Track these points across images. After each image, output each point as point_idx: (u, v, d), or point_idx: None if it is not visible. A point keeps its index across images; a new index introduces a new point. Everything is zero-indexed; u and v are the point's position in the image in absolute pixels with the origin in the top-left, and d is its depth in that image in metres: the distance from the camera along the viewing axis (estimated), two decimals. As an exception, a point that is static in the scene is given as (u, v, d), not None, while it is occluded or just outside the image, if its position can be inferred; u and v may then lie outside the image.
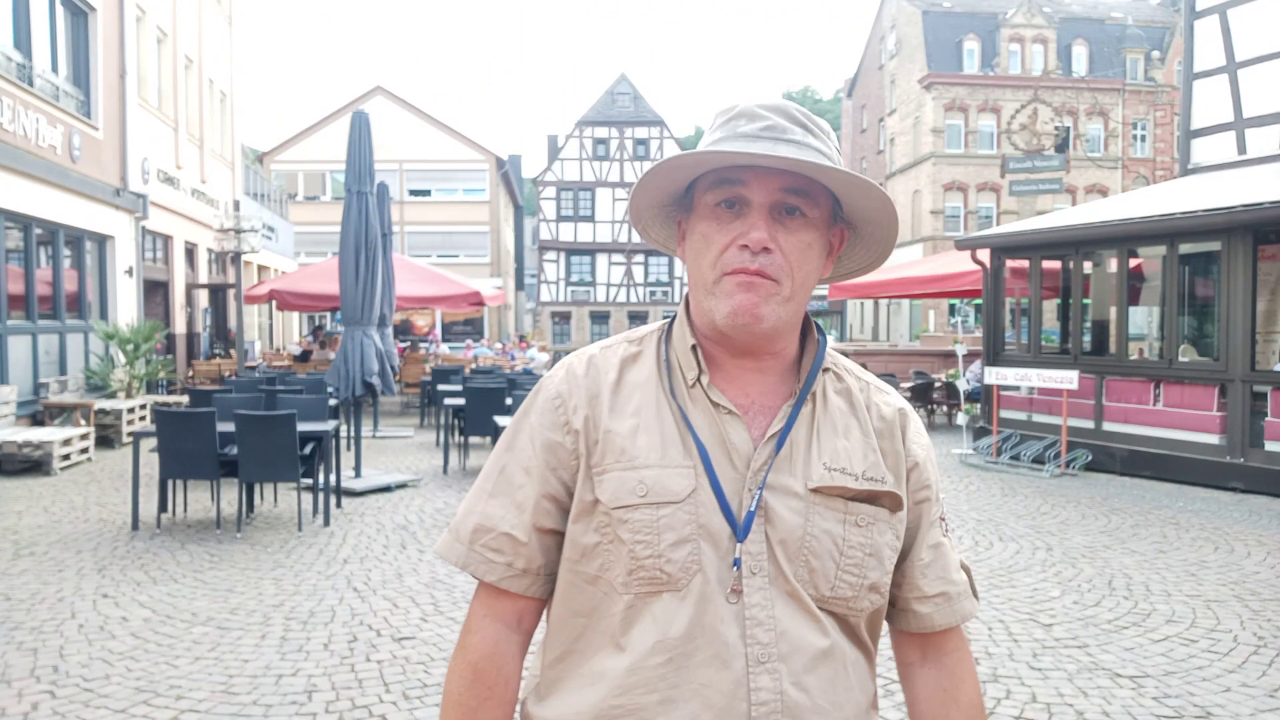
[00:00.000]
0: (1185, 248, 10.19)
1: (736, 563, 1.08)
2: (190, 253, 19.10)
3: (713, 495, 1.09)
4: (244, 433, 6.75)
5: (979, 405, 12.76)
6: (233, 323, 20.46)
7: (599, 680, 1.10)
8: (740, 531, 1.09)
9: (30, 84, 11.89)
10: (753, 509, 1.09)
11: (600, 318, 44.92)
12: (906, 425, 1.22)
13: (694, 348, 1.16)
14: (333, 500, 7.65)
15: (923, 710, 1.23)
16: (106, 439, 11.49)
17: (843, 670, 1.12)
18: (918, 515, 1.21)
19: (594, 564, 1.12)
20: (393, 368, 9.35)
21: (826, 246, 1.17)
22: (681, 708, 1.05)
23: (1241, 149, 11.49)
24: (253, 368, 17.01)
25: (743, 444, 1.12)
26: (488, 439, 10.78)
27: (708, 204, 1.13)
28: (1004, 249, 12.11)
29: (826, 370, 1.21)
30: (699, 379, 1.15)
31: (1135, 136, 40.00)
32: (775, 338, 1.16)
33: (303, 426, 7.04)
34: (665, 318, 1.32)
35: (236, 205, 21.42)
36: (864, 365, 18.12)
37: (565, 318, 45.13)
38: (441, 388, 12.86)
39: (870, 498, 1.14)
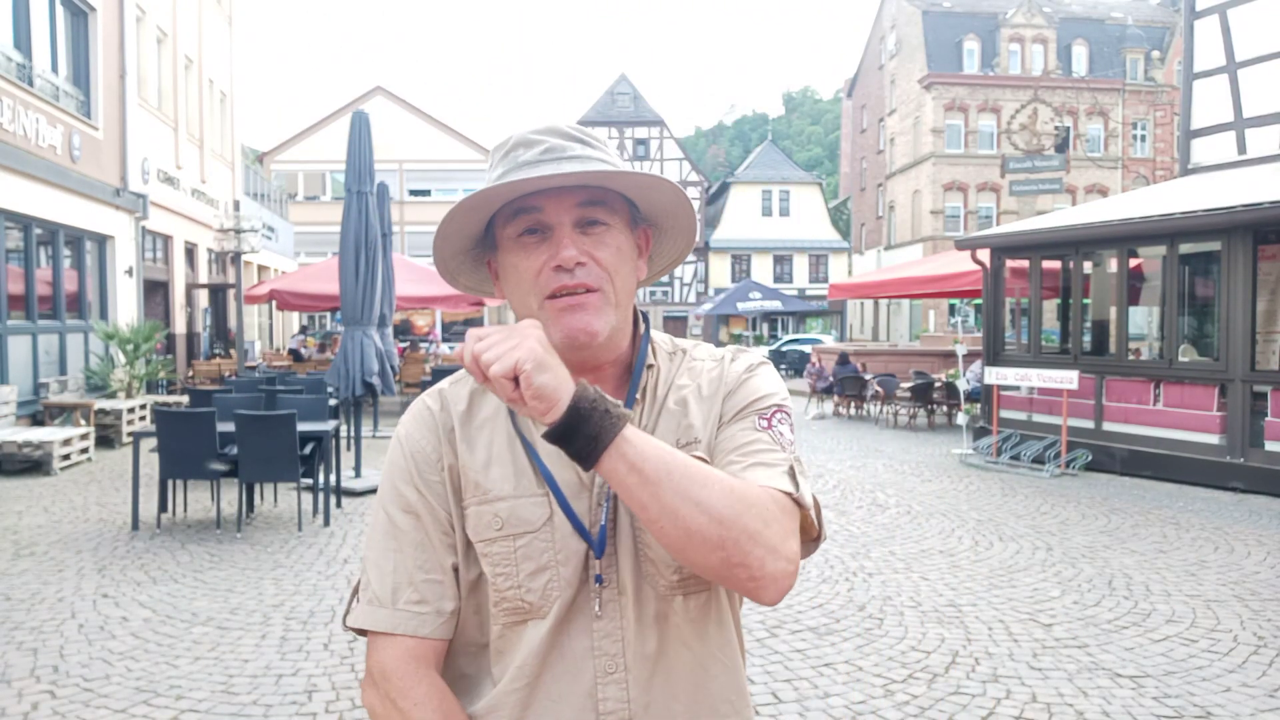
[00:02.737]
0: (1185, 248, 10.19)
1: (599, 579, 1.11)
2: (190, 253, 19.10)
3: (566, 519, 1.11)
4: (244, 433, 6.75)
5: (979, 405, 12.76)
6: (233, 323, 20.45)
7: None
8: (598, 548, 1.11)
9: (30, 84, 11.89)
10: (604, 523, 1.11)
11: (600, 318, 44.84)
12: (725, 376, 1.20)
13: None
14: (333, 500, 7.65)
15: None
16: (106, 439, 11.49)
17: (698, 667, 1.14)
18: (730, 427, 1.16)
19: (478, 596, 1.16)
20: (393, 368, 9.35)
21: (635, 248, 1.19)
22: None
23: (1241, 149, 11.49)
24: (253, 368, 17.01)
25: None
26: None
27: (510, 237, 1.14)
28: (1004, 249, 12.11)
29: (651, 367, 1.21)
30: None
31: (1135, 136, 40.01)
32: (610, 347, 1.17)
33: (303, 426, 7.04)
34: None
35: (236, 205, 21.43)
36: (863, 366, 18.12)
37: (565, 318, 45.05)
38: (441, 388, 12.81)
39: None
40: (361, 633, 1.19)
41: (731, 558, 0.99)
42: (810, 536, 1.16)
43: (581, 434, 0.96)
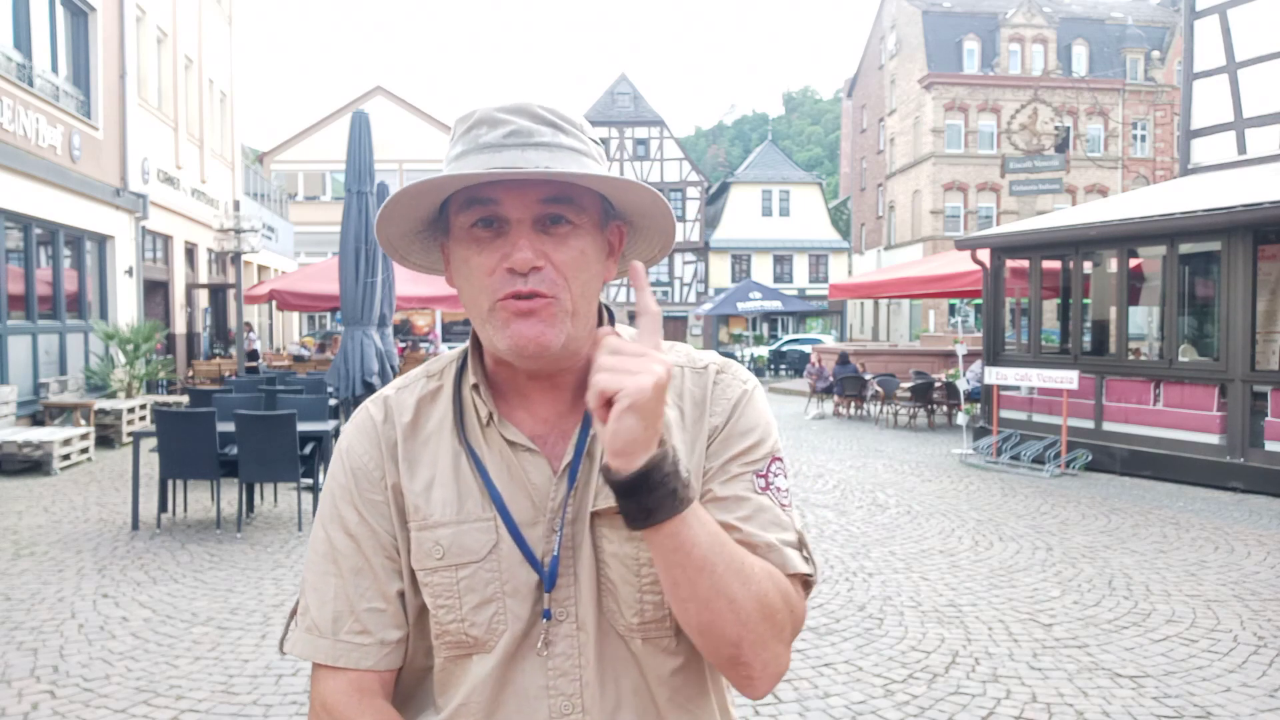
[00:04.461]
0: (1185, 248, 10.20)
1: (546, 614, 1.02)
2: (190, 253, 19.10)
3: (515, 548, 1.02)
4: (244, 433, 6.74)
5: (979, 405, 12.76)
6: (233, 323, 20.45)
7: None
8: (548, 580, 1.02)
9: (30, 84, 11.89)
10: (556, 554, 1.02)
11: (600, 318, 44.88)
12: (710, 399, 1.09)
13: (475, 388, 1.07)
14: (333, 500, 7.64)
15: None
16: (106, 439, 11.49)
17: (655, 711, 1.05)
18: (724, 483, 1.06)
19: (425, 622, 1.08)
20: (393, 368, 9.35)
21: (604, 248, 1.07)
22: None
23: (1241, 149, 11.49)
24: (253, 368, 17.01)
25: (542, 482, 1.04)
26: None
27: (463, 226, 1.02)
28: (1004, 249, 12.11)
29: None
30: (491, 417, 1.06)
31: (1135, 136, 40.02)
32: (567, 356, 1.05)
33: (303, 426, 7.04)
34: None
35: (236, 205, 21.43)
36: (862, 366, 18.10)
37: (565, 318, 45.03)
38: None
39: None
40: None
41: (741, 656, 0.96)
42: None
43: (638, 501, 0.89)
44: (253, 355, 18.59)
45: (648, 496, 0.88)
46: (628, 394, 0.84)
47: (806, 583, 1.05)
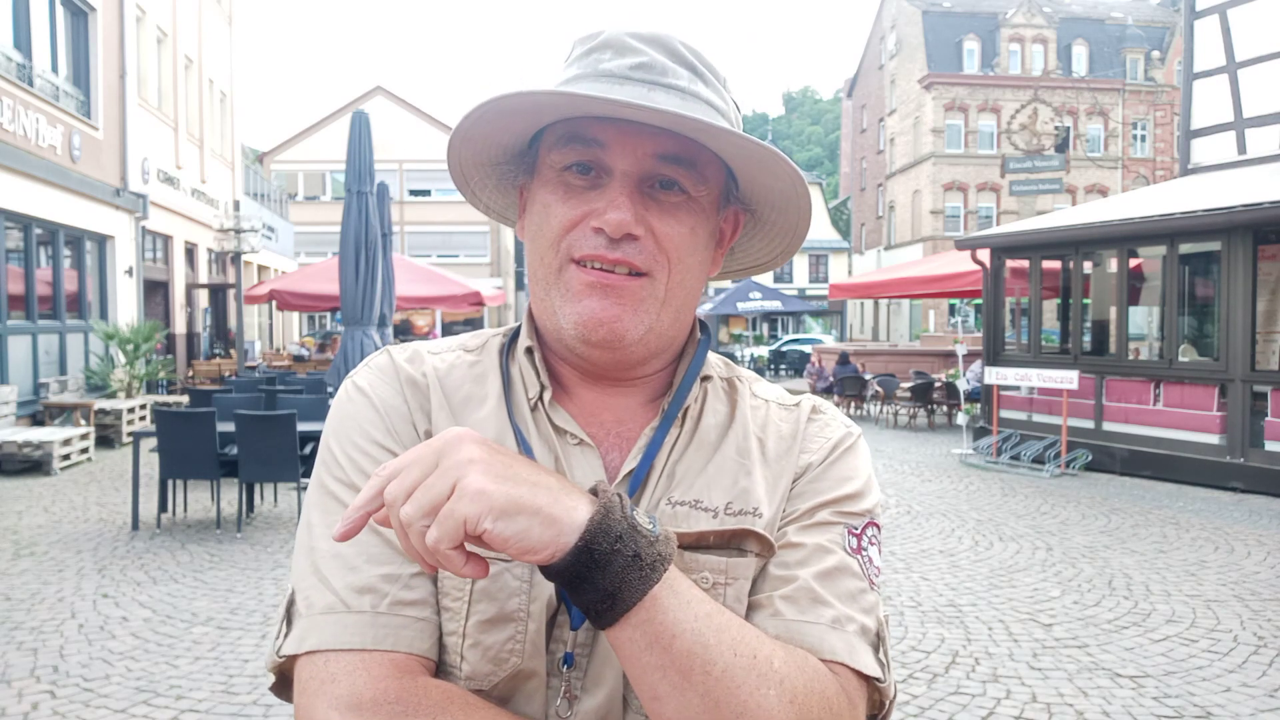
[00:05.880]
0: (1185, 248, 10.20)
1: (568, 659, 0.78)
2: (190, 253, 19.10)
3: None
4: (244, 433, 6.74)
5: (979, 405, 12.77)
6: (233, 323, 20.45)
7: None
8: (576, 614, 0.77)
9: (30, 84, 11.89)
10: None
11: (600, 318, 44.90)
12: (803, 435, 0.89)
13: (530, 351, 0.87)
14: (333, 500, 7.63)
15: None
16: (106, 439, 11.49)
17: None
18: (805, 530, 0.84)
19: None
20: (393, 368, 9.35)
21: (715, 234, 0.87)
22: None
23: (1241, 149, 11.49)
24: (253, 368, 17.02)
25: (589, 483, 0.80)
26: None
27: (553, 165, 0.82)
28: (1004, 249, 12.12)
29: (708, 379, 0.90)
30: (540, 396, 0.85)
31: (1135, 136, 40.02)
32: (646, 359, 0.85)
33: (303, 426, 7.04)
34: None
35: (236, 205, 21.44)
36: (862, 366, 18.08)
37: (565, 318, 45.02)
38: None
39: (729, 539, 0.81)
40: (282, 689, 0.82)
41: None
42: (870, 713, 0.81)
43: (594, 585, 0.65)
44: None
45: (603, 575, 0.65)
46: (481, 514, 0.63)
47: (874, 689, 0.79)
